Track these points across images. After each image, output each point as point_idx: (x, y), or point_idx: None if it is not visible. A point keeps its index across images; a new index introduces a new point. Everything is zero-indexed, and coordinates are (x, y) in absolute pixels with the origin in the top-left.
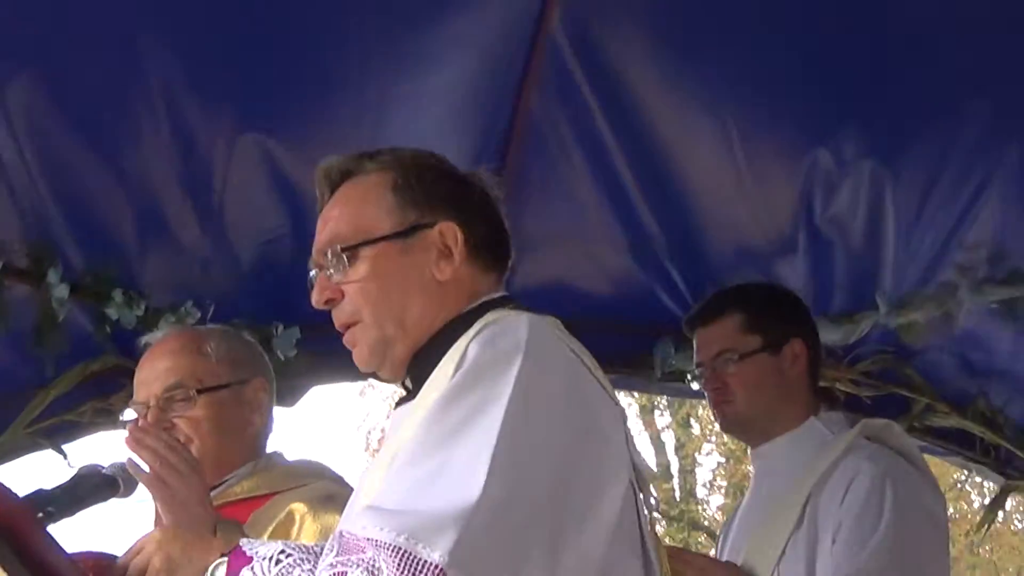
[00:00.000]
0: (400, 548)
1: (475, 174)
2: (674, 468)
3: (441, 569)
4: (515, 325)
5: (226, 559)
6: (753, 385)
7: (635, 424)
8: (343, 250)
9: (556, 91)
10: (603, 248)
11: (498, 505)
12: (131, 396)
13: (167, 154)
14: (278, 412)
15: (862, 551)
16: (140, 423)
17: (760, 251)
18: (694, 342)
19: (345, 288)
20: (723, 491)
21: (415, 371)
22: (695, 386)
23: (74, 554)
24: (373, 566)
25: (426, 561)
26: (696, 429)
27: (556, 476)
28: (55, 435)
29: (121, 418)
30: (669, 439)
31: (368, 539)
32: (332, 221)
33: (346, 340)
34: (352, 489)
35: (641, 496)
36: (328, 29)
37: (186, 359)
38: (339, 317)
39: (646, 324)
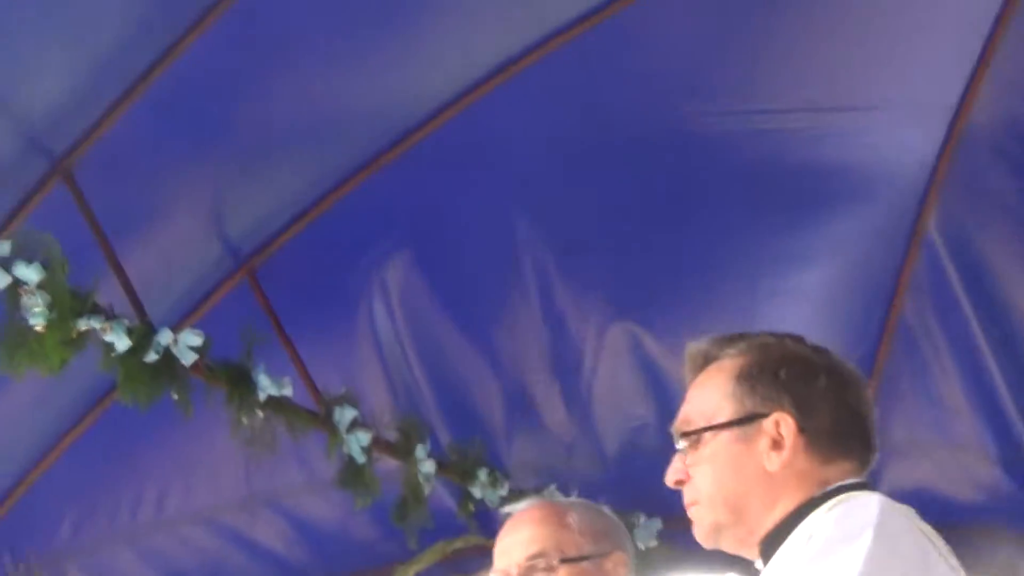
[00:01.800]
0: None
1: (829, 362)
2: None
3: None
4: (866, 504)
5: None
6: None
7: None
8: (686, 434)
9: (930, 294)
10: (972, 456)
11: None
12: None
13: (537, 338)
14: None
15: None
16: None
17: None
18: None
19: (690, 470)
20: None
21: (767, 552)
22: None
23: None
24: None
25: None
26: None
27: None
28: None
29: None
30: None
31: None
32: (686, 404)
33: (690, 516)
34: None
35: None
36: (703, 226)
37: (549, 529)
38: (685, 497)
39: (1016, 534)
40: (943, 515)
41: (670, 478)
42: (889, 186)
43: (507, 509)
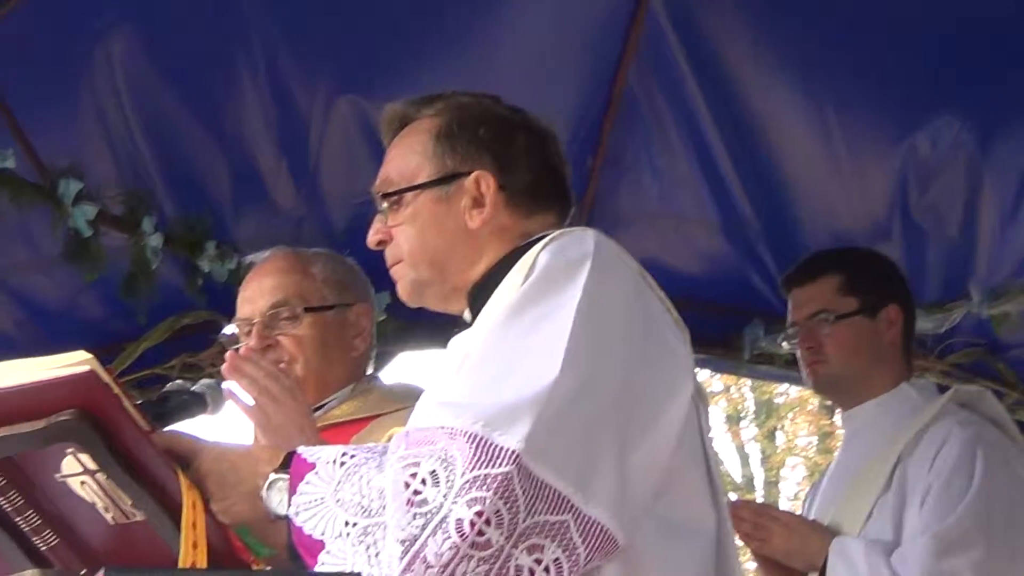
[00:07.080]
0: (476, 435)
1: (526, 120)
2: (758, 481)
3: (517, 455)
4: (582, 237)
5: (284, 473)
6: (847, 347)
7: (721, 433)
8: (388, 195)
9: (654, 67)
10: (696, 228)
11: (572, 397)
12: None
13: (265, 112)
14: None
15: (950, 515)
16: (241, 351)
17: (853, 237)
18: (789, 302)
19: (392, 231)
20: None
21: (475, 304)
22: (786, 345)
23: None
24: (446, 455)
25: (502, 447)
26: (781, 441)
27: (625, 375)
28: (145, 388)
29: (222, 333)
30: (754, 451)
31: (441, 428)
32: (386, 165)
33: (393, 276)
34: None
35: (702, 411)
36: None
37: (293, 278)
38: (388, 257)
39: (736, 306)
40: (667, 288)
41: (372, 239)
42: None
43: (250, 258)
